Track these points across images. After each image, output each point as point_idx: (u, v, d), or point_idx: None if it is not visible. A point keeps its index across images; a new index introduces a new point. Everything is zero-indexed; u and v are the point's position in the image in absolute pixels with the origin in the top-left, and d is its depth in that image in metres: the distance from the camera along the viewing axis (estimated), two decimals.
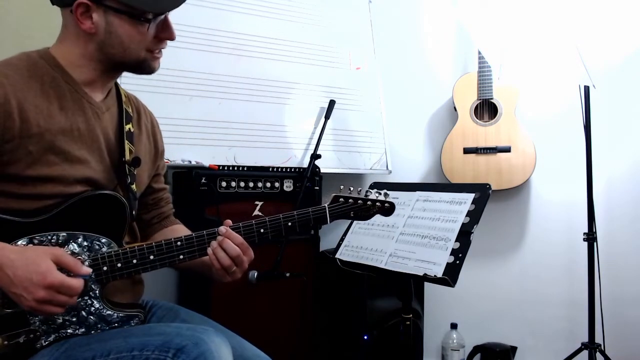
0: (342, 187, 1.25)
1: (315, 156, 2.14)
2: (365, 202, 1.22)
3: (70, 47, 1.07)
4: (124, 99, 1.20)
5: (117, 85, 1.20)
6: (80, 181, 1.05)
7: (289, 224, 1.16)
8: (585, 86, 2.16)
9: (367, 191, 1.25)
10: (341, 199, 1.22)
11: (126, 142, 1.15)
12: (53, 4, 1.08)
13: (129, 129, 1.18)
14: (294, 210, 1.17)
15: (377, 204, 1.23)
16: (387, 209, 1.24)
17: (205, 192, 1.90)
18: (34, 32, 1.92)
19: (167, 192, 1.37)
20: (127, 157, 1.14)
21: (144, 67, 1.11)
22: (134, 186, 1.16)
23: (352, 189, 1.24)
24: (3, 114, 0.96)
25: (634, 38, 2.38)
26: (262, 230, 1.14)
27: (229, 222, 1.13)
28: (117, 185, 1.14)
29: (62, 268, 0.94)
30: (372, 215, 1.24)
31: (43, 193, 1.01)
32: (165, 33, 1.09)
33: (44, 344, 1.00)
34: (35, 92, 1.01)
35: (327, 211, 1.19)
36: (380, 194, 1.24)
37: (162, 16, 1.08)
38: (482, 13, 2.53)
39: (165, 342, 0.95)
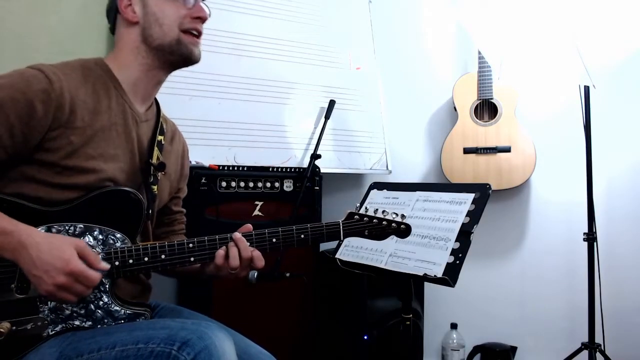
0: (357, 204, 1.25)
1: (315, 156, 2.14)
2: (381, 222, 1.21)
3: (120, 50, 1.18)
4: (162, 116, 1.29)
5: (158, 106, 1.29)
6: (111, 178, 1.10)
7: (302, 236, 1.17)
8: (585, 86, 2.16)
9: (383, 211, 1.23)
10: (356, 217, 1.21)
11: (156, 148, 1.22)
12: (111, 31, 1.23)
13: (161, 140, 1.25)
14: (308, 224, 1.18)
15: (393, 224, 1.22)
16: (403, 231, 1.23)
17: (205, 192, 1.90)
18: (35, 32, 1.93)
19: (183, 215, 1.42)
20: (154, 160, 1.20)
21: (183, 49, 1.17)
22: (155, 187, 1.20)
23: (368, 207, 1.23)
24: (56, 104, 1.02)
25: (634, 38, 2.38)
26: (274, 240, 1.15)
27: (250, 226, 1.16)
28: (141, 185, 1.18)
29: (83, 260, 0.98)
30: (387, 236, 1.22)
31: (76, 184, 1.05)
32: (196, 10, 1.17)
33: (50, 333, 1.02)
34: (86, 91, 1.09)
35: (341, 227, 1.19)
36: (397, 215, 1.23)
37: None
38: (482, 13, 2.53)
39: (170, 336, 0.96)
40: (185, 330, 0.98)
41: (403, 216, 1.23)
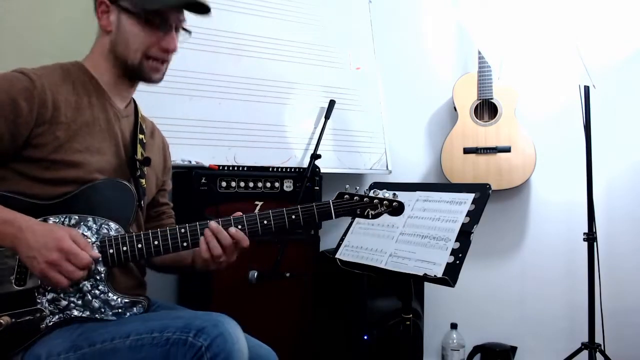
0: (347, 186, 1.25)
1: (315, 156, 2.14)
2: (372, 200, 1.22)
3: (96, 52, 1.21)
4: (140, 115, 1.32)
5: (135, 104, 1.32)
6: (99, 170, 1.13)
7: (293, 217, 1.18)
8: (585, 86, 2.16)
9: (373, 191, 1.23)
10: (346, 196, 1.22)
11: (139, 146, 1.24)
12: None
13: (142, 138, 1.28)
14: (299, 205, 1.19)
15: (385, 202, 1.22)
16: (396, 209, 1.22)
17: (205, 192, 1.90)
18: (34, 32, 1.93)
19: (170, 208, 1.45)
20: (139, 156, 1.23)
21: (142, 74, 1.20)
22: (143, 181, 1.24)
23: (357, 188, 1.24)
24: (38, 101, 1.06)
25: (634, 38, 2.38)
26: (265, 222, 1.16)
27: (240, 214, 1.18)
28: (130, 179, 1.21)
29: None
30: (380, 215, 1.22)
31: (65, 178, 1.09)
32: (165, 41, 1.18)
33: (48, 324, 1.04)
34: (67, 90, 1.13)
35: (332, 206, 1.20)
36: (389, 193, 1.23)
37: (168, 27, 1.18)
38: (482, 13, 2.53)
39: (185, 325, 0.99)
40: (199, 319, 1.01)
41: (395, 194, 1.23)
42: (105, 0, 1.16)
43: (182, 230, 1.13)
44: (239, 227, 1.14)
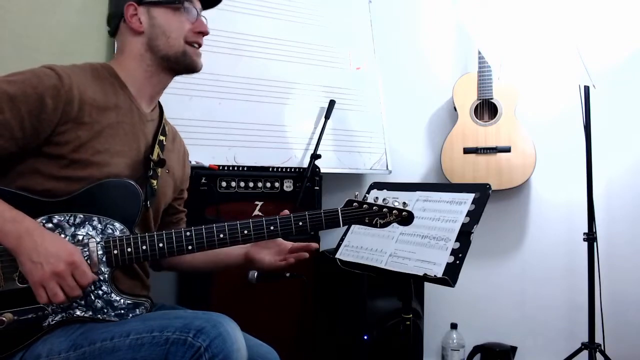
0: (357, 193, 1.25)
1: (315, 156, 2.14)
2: (381, 209, 1.21)
3: (125, 57, 1.23)
4: (164, 119, 1.34)
5: (161, 109, 1.35)
6: (115, 171, 1.13)
7: (300, 223, 1.17)
8: (585, 86, 2.16)
9: (383, 199, 1.23)
10: (355, 204, 1.21)
11: (157, 146, 1.25)
12: (110, 35, 1.28)
13: (163, 140, 1.29)
14: (306, 211, 1.19)
15: (394, 211, 1.21)
16: (405, 218, 1.22)
17: (205, 192, 1.90)
18: (35, 32, 1.93)
19: (185, 215, 1.47)
20: (154, 156, 1.23)
21: (187, 60, 1.23)
22: (154, 182, 1.22)
23: (367, 196, 1.24)
24: (65, 100, 1.07)
25: (634, 38, 2.38)
26: (272, 228, 1.17)
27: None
28: (140, 178, 1.20)
29: None
30: (389, 224, 1.22)
31: (81, 176, 1.09)
32: (198, 25, 1.24)
33: (51, 323, 1.04)
34: (95, 90, 1.14)
35: (340, 214, 1.20)
36: (398, 202, 1.22)
37: (195, 11, 1.24)
38: (482, 13, 2.53)
39: (185, 325, 1.00)
40: (199, 319, 1.01)
41: (405, 204, 1.22)
42: (133, 3, 1.20)
43: (187, 233, 1.12)
44: (245, 231, 1.15)
